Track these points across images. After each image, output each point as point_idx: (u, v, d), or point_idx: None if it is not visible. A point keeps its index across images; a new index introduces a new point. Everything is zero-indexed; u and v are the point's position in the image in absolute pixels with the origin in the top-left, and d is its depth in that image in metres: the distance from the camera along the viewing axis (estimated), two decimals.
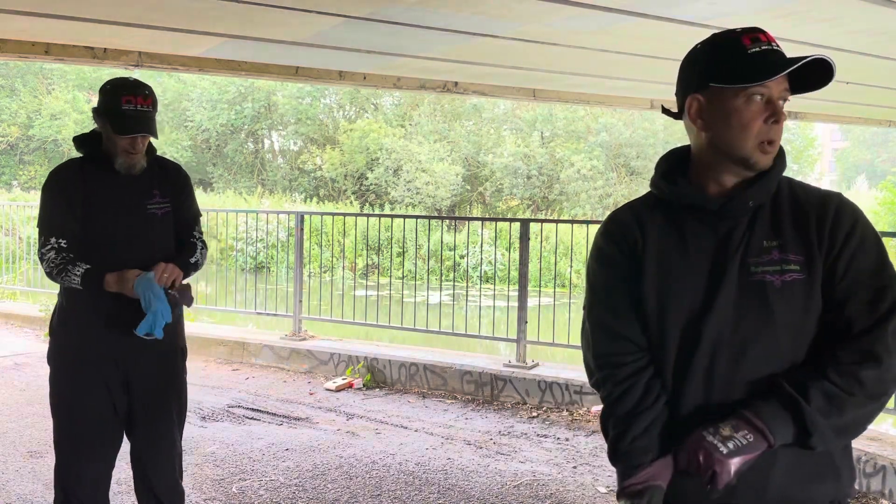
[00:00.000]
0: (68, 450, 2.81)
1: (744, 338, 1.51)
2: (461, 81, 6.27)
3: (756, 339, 1.50)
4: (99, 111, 2.69)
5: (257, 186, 27.81)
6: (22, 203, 16.08)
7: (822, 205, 1.53)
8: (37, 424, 5.06)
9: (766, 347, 1.50)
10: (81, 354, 2.75)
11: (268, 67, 5.56)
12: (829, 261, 1.50)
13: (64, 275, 2.66)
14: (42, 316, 8.10)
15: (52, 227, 2.72)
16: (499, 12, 3.96)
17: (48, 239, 2.71)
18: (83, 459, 2.81)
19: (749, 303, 1.51)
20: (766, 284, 1.50)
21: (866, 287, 1.48)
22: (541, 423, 5.29)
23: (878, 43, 4.46)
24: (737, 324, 1.51)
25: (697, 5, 3.69)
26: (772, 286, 1.50)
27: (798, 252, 1.51)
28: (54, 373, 2.81)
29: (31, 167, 28.36)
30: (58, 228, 2.71)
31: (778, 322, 1.49)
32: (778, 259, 1.51)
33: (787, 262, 1.50)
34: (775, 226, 1.53)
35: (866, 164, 43.26)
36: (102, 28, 4.30)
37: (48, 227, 2.73)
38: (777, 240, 1.52)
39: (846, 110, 8.35)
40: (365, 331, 7.78)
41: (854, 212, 1.54)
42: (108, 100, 2.66)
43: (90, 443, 2.80)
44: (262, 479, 4.20)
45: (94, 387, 2.75)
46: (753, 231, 1.53)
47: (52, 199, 2.74)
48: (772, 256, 1.51)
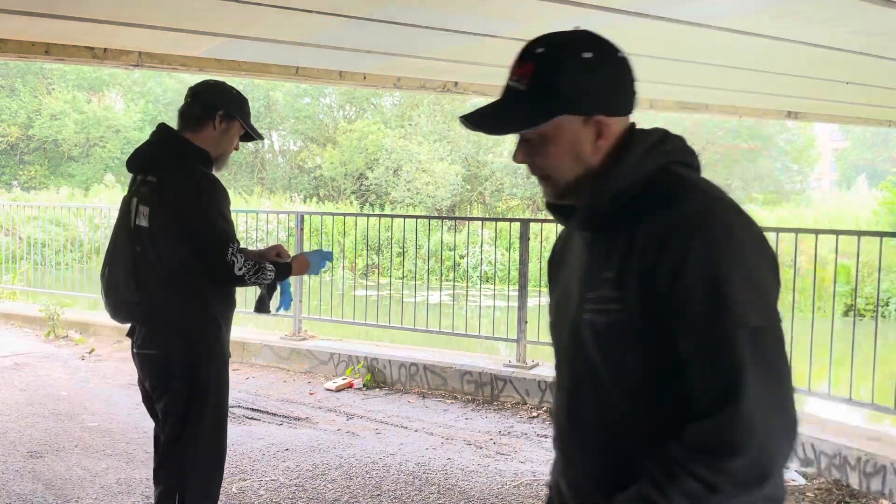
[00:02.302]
0: (216, 461, 2.87)
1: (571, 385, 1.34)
2: (461, 81, 6.27)
3: (579, 388, 1.32)
4: (231, 115, 2.79)
5: (257, 185, 27.82)
6: (22, 203, 16.09)
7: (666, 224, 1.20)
8: (37, 424, 5.06)
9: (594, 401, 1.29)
10: (225, 357, 2.85)
11: (268, 67, 5.55)
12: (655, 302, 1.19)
13: (260, 274, 2.73)
14: (42, 316, 8.10)
15: (230, 233, 2.71)
16: (499, 12, 3.96)
17: (229, 245, 2.66)
18: (221, 469, 2.91)
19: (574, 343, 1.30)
20: (590, 324, 1.27)
21: (706, 347, 1.15)
22: (541, 423, 5.29)
23: (878, 43, 4.46)
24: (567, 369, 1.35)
25: (697, 5, 3.69)
26: (594, 326, 1.26)
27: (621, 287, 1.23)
28: (209, 378, 2.79)
29: (31, 167, 28.36)
30: (232, 234, 2.72)
31: (600, 372, 1.27)
32: (605, 296, 1.25)
33: (608, 300, 1.24)
34: (609, 252, 1.26)
35: (866, 164, 43.24)
36: (102, 28, 4.30)
37: (226, 233, 2.69)
38: (609, 270, 1.25)
39: (846, 110, 8.35)
40: (365, 331, 7.78)
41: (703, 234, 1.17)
42: (244, 107, 2.84)
43: (224, 449, 2.92)
44: (262, 479, 4.20)
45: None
46: (593, 255, 1.30)
47: (215, 204, 2.70)
48: (601, 292, 1.26)
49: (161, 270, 2.69)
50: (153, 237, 2.68)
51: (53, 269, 10.89)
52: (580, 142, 1.27)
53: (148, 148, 2.86)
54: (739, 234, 1.18)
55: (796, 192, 28.52)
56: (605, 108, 1.27)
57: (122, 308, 2.79)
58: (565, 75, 1.24)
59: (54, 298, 8.41)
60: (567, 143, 1.27)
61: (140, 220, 2.71)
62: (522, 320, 6.02)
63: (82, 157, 28.65)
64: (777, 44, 4.46)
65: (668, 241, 1.17)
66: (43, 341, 7.78)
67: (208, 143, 2.77)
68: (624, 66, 1.29)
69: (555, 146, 1.27)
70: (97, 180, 26.35)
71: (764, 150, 28.52)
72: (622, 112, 1.30)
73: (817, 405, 6.10)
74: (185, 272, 2.69)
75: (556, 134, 1.26)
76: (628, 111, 1.31)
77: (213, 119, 2.77)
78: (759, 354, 1.13)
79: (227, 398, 2.90)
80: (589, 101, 1.25)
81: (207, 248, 2.64)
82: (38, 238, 11.65)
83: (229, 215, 2.73)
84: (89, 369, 6.64)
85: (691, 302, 1.15)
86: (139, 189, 2.77)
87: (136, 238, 2.71)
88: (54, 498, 3.89)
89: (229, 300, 2.88)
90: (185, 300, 2.72)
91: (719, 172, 27.67)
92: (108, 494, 3.96)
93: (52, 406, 5.50)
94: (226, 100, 2.79)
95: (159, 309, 2.73)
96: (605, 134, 1.27)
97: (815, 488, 4.09)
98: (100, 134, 28.12)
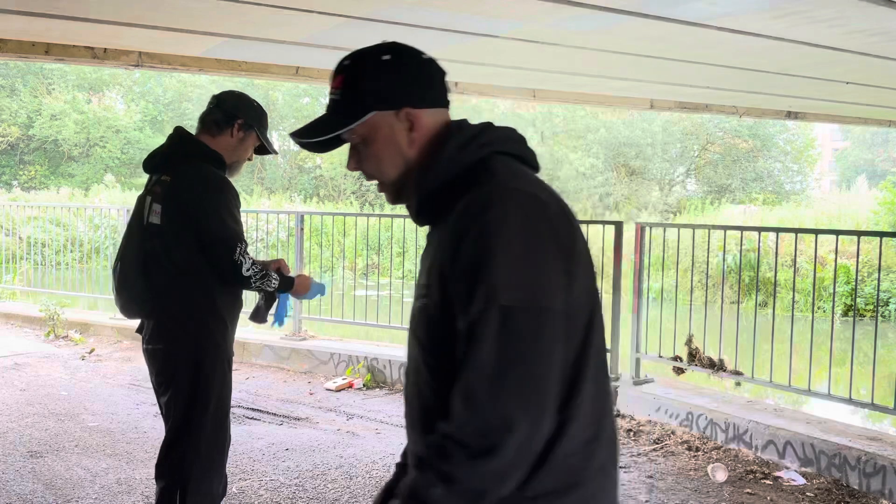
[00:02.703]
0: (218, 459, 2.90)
1: (407, 367, 1.42)
2: (461, 81, 6.27)
3: (409, 371, 1.40)
4: (250, 125, 2.88)
5: (257, 185, 27.81)
6: (22, 203, 16.09)
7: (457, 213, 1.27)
8: (37, 424, 5.06)
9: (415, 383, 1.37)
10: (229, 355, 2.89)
11: (268, 67, 5.56)
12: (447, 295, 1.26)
13: (266, 280, 2.81)
14: (42, 316, 8.10)
15: (239, 233, 2.76)
16: (499, 12, 3.97)
17: (237, 244, 2.74)
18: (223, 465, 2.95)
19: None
20: (413, 310, 1.37)
21: (466, 325, 1.20)
22: None
23: (878, 43, 4.46)
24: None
25: (697, 5, 3.69)
26: (413, 312, 1.37)
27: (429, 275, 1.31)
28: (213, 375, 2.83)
29: (31, 167, 28.35)
30: (241, 234, 2.77)
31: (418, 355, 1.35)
32: (421, 284, 1.35)
33: (423, 287, 1.34)
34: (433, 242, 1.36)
35: (866, 164, 43.24)
36: (102, 28, 4.31)
37: (235, 233, 2.75)
38: (427, 259, 1.36)
39: (846, 110, 8.35)
40: (365, 331, 7.78)
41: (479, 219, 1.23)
42: (263, 121, 2.94)
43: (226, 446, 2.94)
44: (262, 479, 4.20)
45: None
46: (427, 246, 1.40)
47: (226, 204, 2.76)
48: (420, 279, 1.37)
49: (170, 267, 2.76)
50: (164, 234, 2.76)
51: (53, 269, 10.90)
52: (395, 135, 1.37)
53: (164, 149, 2.95)
54: (514, 218, 1.22)
55: (796, 192, 28.49)
56: (412, 101, 1.37)
57: (132, 303, 2.85)
58: (370, 76, 1.37)
59: (54, 298, 8.41)
60: (384, 138, 1.37)
61: (152, 218, 2.79)
62: None
63: (82, 157, 28.64)
64: (777, 44, 4.46)
65: (455, 229, 1.25)
66: (43, 341, 7.78)
67: (224, 148, 2.86)
68: (427, 65, 1.41)
69: (374, 144, 1.38)
70: (97, 180, 26.35)
71: (764, 150, 28.50)
72: (431, 104, 1.39)
73: (817, 405, 6.11)
74: (194, 270, 2.75)
75: (373, 132, 1.37)
76: (438, 104, 1.41)
77: (232, 126, 2.86)
78: (505, 332, 1.16)
79: (230, 396, 2.93)
80: (394, 95, 1.36)
81: (216, 246, 2.71)
82: (38, 238, 11.64)
83: (239, 216, 2.77)
84: (89, 369, 6.64)
85: (460, 284, 1.21)
86: (153, 188, 2.85)
87: (148, 235, 2.80)
88: (54, 498, 3.89)
89: (236, 300, 2.91)
90: (191, 297, 2.77)
91: (719, 172, 27.66)
92: (108, 494, 3.96)
93: (52, 406, 5.50)
94: (247, 110, 2.89)
95: (166, 305, 2.79)
96: (417, 125, 1.36)
97: (815, 488, 4.09)
98: (100, 134, 28.10)
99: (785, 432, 4.45)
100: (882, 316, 13.55)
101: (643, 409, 5.27)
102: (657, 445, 4.81)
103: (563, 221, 1.27)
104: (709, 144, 27.66)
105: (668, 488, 4.15)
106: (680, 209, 24.41)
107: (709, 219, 20.15)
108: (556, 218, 1.26)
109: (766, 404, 5.42)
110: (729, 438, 4.71)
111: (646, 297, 5.86)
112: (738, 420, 4.69)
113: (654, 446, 4.80)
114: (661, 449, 4.75)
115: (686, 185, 28.82)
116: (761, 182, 28.01)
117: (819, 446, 4.27)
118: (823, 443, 4.27)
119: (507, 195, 1.25)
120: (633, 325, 5.60)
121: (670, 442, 4.83)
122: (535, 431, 1.16)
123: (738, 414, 4.76)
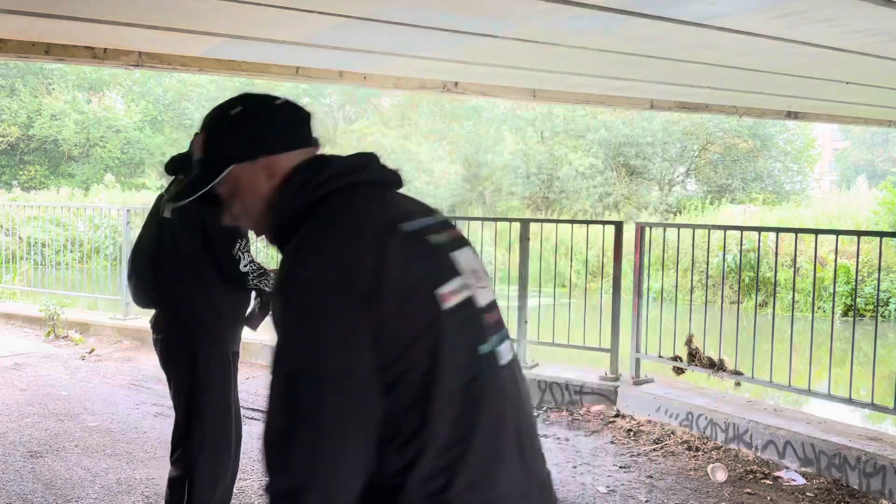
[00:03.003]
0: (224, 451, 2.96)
1: None
2: (461, 81, 6.27)
3: None
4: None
5: None
6: (22, 203, 16.08)
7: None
8: (37, 424, 5.06)
9: None
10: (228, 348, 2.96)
11: (268, 67, 5.55)
12: None
13: (263, 279, 2.88)
14: (42, 316, 8.10)
15: (239, 229, 2.80)
16: (499, 12, 3.96)
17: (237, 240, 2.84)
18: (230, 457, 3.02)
19: None
20: None
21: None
22: (540, 423, 5.28)
23: (878, 43, 4.45)
24: None
25: (697, 5, 3.69)
26: None
27: None
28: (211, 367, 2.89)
29: (31, 167, 28.34)
30: (243, 231, 2.83)
31: None
32: None
33: None
34: None
35: (866, 164, 43.24)
36: (102, 28, 4.30)
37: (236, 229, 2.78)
38: None
39: (846, 110, 8.35)
40: None
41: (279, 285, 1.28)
42: None
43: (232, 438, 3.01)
44: (262, 479, 4.20)
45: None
46: None
47: None
48: None
49: (176, 259, 2.88)
50: (173, 227, 2.89)
51: (53, 269, 10.90)
52: (257, 185, 1.39)
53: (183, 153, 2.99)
54: (299, 281, 1.25)
55: (796, 192, 28.45)
56: (268, 149, 1.39)
57: (142, 292, 2.99)
58: (223, 133, 1.41)
59: (54, 298, 8.41)
60: (247, 189, 1.40)
61: (166, 213, 2.94)
62: (522, 320, 6.02)
63: (82, 157, 28.63)
64: (777, 44, 4.46)
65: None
66: (43, 341, 7.78)
67: None
68: (278, 110, 1.43)
69: (240, 195, 1.41)
70: (97, 180, 26.34)
71: (764, 150, 28.47)
72: (289, 147, 1.40)
73: (817, 405, 6.11)
74: (197, 264, 2.86)
75: (236, 184, 1.40)
76: (299, 146, 1.41)
77: None
78: (287, 398, 1.23)
79: (234, 390, 2.98)
80: (248, 147, 1.39)
81: (217, 240, 2.81)
82: (38, 238, 11.65)
83: None
84: (89, 369, 6.64)
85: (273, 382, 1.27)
86: (170, 187, 2.93)
87: (161, 229, 2.94)
88: (54, 498, 3.89)
89: (237, 297, 2.96)
90: (191, 289, 2.87)
91: (719, 172, 27.65)
92: (108, 494, 3.96)
93: (52, 406, 5.50)
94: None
95: (168, 295, 2.90)
96: (275, 171, 1.38)
97: (815, 488, 4.09)
98: (100, 134, 28.09)
99: (785, 432, 4.46)
100: (882, 316, 13.55)
101: (643, 409, 5.27)
102: (657, 445, 4.81)
103: (370, 273, 1.21)
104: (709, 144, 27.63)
105: (668, 488, 4.15)
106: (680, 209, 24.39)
107: (709, 219, 20.14)
108: (351, 274, 1.22)
109: (766, 404, 5.42)
110: (729, 438, 4.71)
111: (646, 297, 5.86)
112: (738, 420, 4.69)
113: (654, 446, 4.80)
114: (661, 449, 4.75)
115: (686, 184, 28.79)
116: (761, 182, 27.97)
117: (819, 446, 4.27)
118: (823, 443, 4.27)
119: (300, 259, 1.28)
120: (633, 325, 5.60)
121: (670, 442, 4.83)
122: (332, 486, 1.21)
123: (737, 414, 4.76)
